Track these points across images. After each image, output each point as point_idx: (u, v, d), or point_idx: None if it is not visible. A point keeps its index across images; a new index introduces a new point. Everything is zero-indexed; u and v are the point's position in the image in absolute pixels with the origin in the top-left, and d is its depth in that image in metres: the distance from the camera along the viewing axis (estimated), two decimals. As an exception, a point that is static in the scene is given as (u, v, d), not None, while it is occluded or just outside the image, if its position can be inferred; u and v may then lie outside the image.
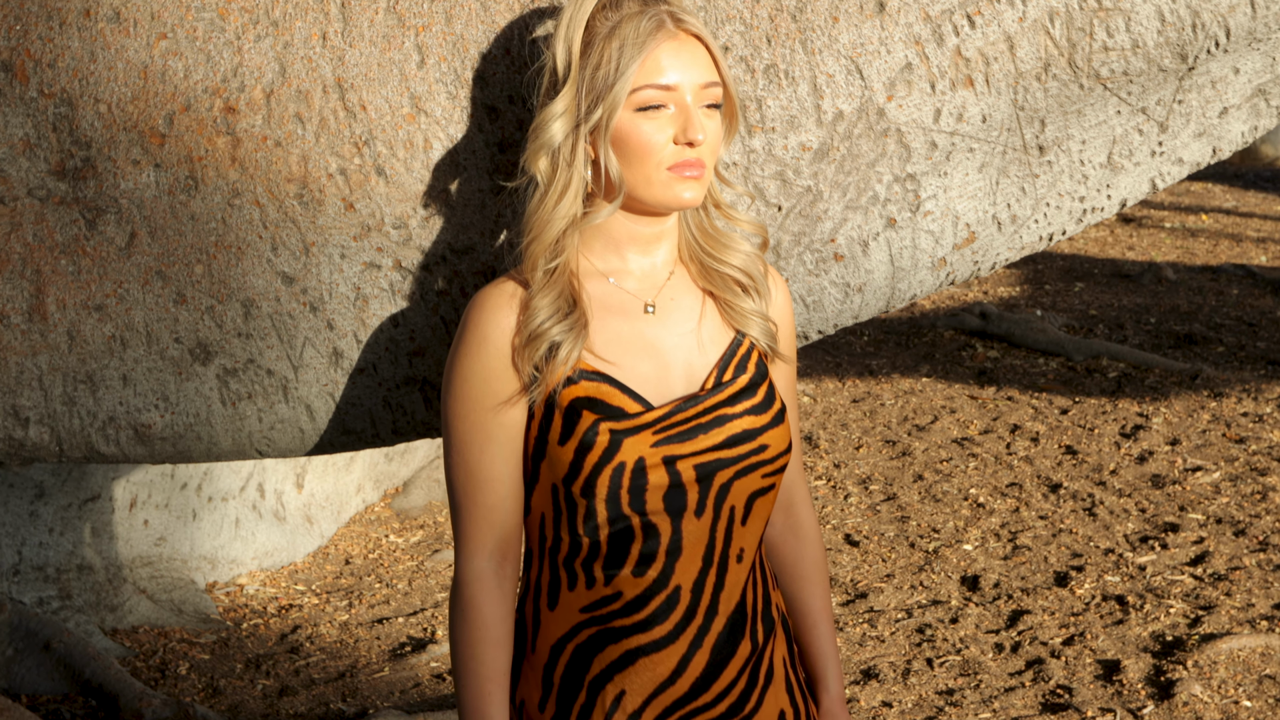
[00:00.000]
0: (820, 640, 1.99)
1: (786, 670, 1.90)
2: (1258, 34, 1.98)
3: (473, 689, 1.78)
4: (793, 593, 1.98)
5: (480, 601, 1.78)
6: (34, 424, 2.01)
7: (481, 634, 1.78)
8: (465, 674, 1.78)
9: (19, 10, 1.94)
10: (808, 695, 1.95)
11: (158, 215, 1.93)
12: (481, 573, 1.78)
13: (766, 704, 1.86)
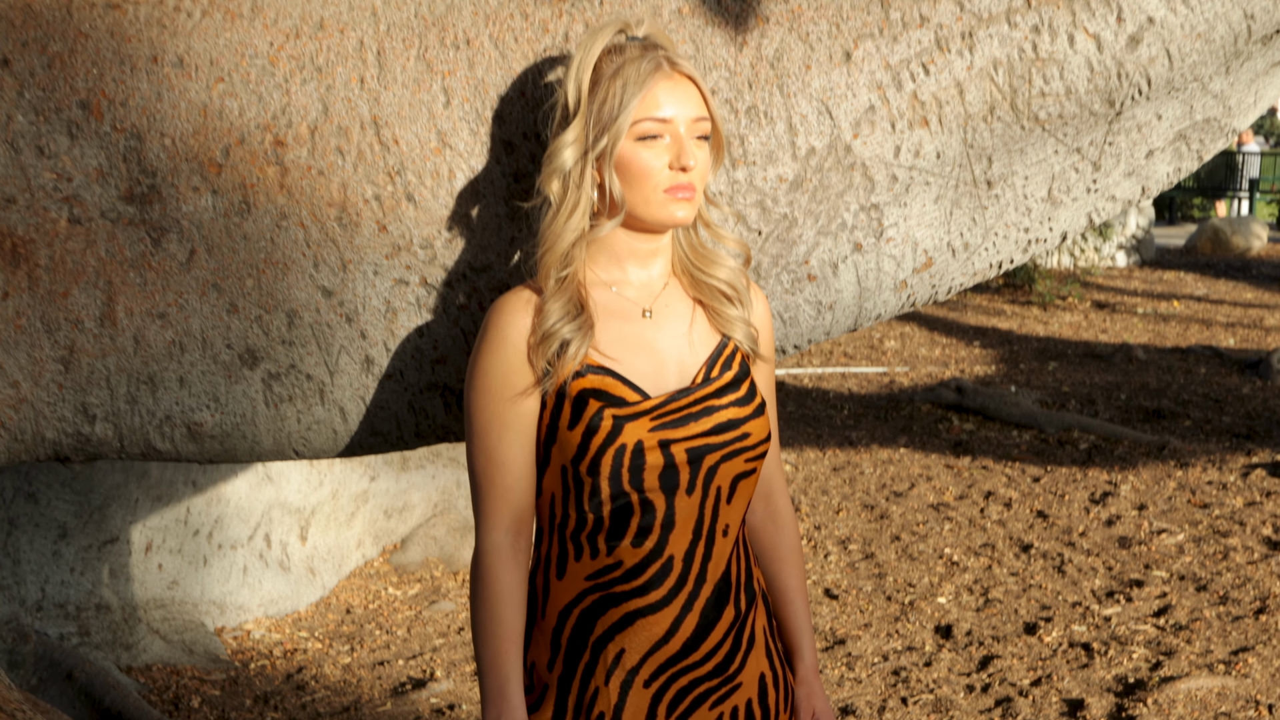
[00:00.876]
0: (796, 616, 2.23)
1: (766, 639, 2.15)
2: (1175, 84, 2.27)
3: (491, 648, 2.02)
4: (772, 573, 2.23)
5: (498, 571, 2.02)
6: (100, 420, 2.26)
7: (499, 599, 2.02)
8: (485, 635, 2.02)
9: (95, 57, 2.22)
10: (785, 664, 2.20)
11: (214, 235, 2.20)
12: (499, 545, 2.02)
13: (749, 666, 2.10)
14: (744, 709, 2.10)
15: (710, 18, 2.20)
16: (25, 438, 2.25)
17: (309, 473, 5.24)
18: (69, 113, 2.20)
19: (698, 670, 2.04)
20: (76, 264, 2.19)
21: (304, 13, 2.25)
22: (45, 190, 2.19)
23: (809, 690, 2.22)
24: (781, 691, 2.15)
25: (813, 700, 2.22)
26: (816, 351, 10.51)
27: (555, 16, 2.21)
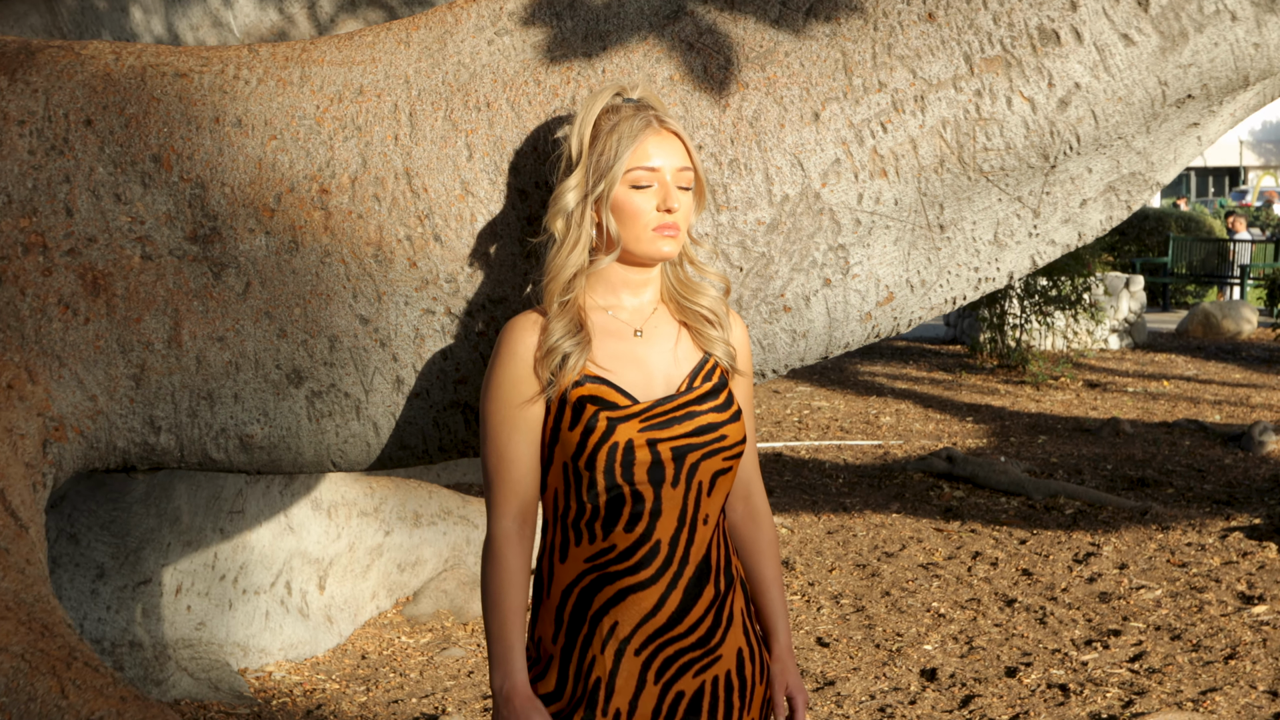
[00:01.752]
0: (773, 602, 2.55)
1: (744, 619, 2.45)
2: (1102, 141, 2.61)
3: (498, 620, 2.33)
4: (751, 564, 2.55)
5: (506, 553, 2.34)
6: (164, 431, 2.59)
7: (506, 577, 2.33)
8: (492, 608, 2.33)
9: (166, 117, 2.57)
10: (762, 644, 2.50)
11: (267, 269, 2.54)
12: (507, 531, 2.34)
13: (728, 641, 2.41)
14: (724, 679, 2.40)
15: (698, 84, 2.55)
16: (100, 446, 2.58)
17: (327, 525, 5.55)
18: (142, 165, 2.55)
19: (682, 642, 2.35)
20: (148, 294, 2.53)
21: (345, 80, 2.61)
22: (122, 231, 2.53)
23: (783, 667, 2.53)
24: (757, 666, 2.46)
25: (786, 675, 2.52)
26: (813, 426, 10.83)
27: (564, 83, 2.57)
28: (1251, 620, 5.93)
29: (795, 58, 2.55)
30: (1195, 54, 2.55)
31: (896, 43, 2.54)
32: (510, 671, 2.29)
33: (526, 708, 2.27)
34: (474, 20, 2.65)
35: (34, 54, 2.63)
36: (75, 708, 2.05)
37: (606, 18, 2.61)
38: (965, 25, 2.53)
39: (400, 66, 2.61)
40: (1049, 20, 2.52)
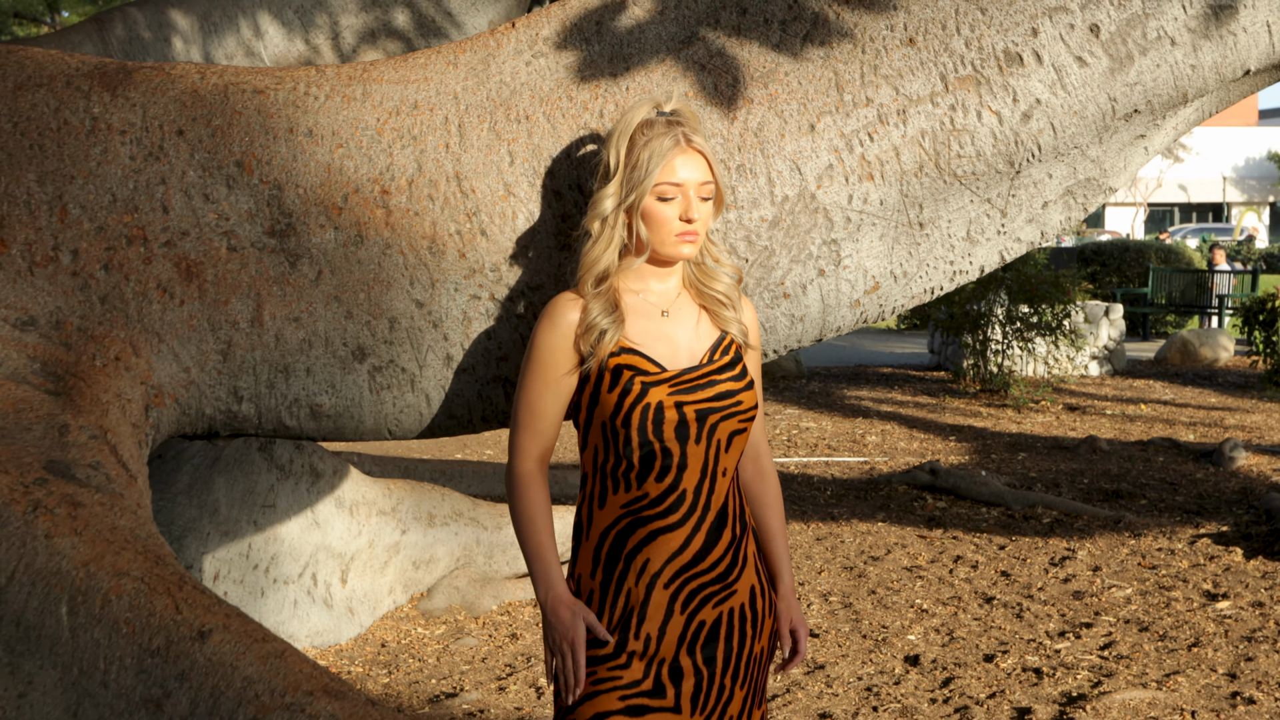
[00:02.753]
0: (778, 549, 2.93)
1: (755, 563, 2.83)
2: (1060, 150, 3.01)
3: (533, 542, 2.70)
4: (759, 516, 2.93)
5: (530, 488, 2.71)
6: (246, 401, 2.97)
7: (533, 508, 2.71)
8: (527, 533, 2.71)
9: (247, 128, 2.96)
10: (770, 584, 2.88)
11: (336, 259, 2.92)
12: (531, 470, 2.72)
13: (743, 579, 2.78)
14: (738, 611, 2.78)
15: (709, 99, 2.95)
16: (191, 412, 2.95)
17: (350, 522, 5.92)
18: (227, 169, 2.94)
19: (704, 577, 2.73)
20: (234, 280, 2.91)
21: (402, 96, 3.00)
22: (210, 226, 2.91)
23: (788, 604, 2.91)
24: (766, 602, 2.84)
25: (790, 612, 2.91)
26: (802, 444, 11.21)
27: (593, 98, 2.96)
28: (1215, 614, 6.31)
29: (794, 77, 2.94)
30: (1140, 74, 2.95)
31: (881, 64, 2.94)
32: (552, 583, 2.67)
33: (572, 609, 2.66)
34: (513, 44, 3.04)
35: (130, 73, 3.02)
36: (188, 621, 2.42)
37: (629, 42, 3.00)
38: (941, 49, 2.93)
39: (449, 84, 3.01)
40: (1013, 44, 2.92)
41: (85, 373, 2.81)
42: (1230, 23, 2.94)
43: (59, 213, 2.88)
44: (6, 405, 2.72)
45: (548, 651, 2.73)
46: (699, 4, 3.02)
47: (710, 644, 2.75)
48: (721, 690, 2.76)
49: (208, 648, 2.41)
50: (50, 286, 2.87)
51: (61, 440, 2.69)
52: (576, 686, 2.69)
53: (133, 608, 2.43)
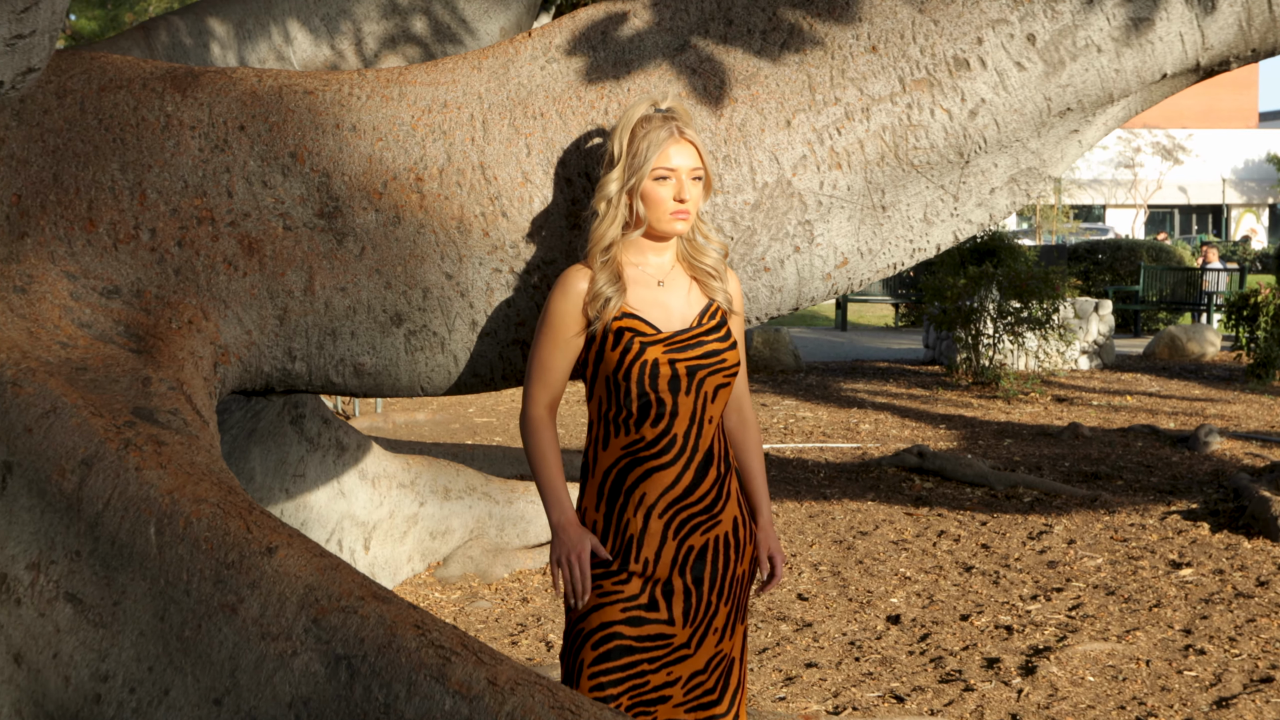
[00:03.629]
0: (758, 487, 3.38)
1: (737, 498, 3.29)
2: (1004, 142, 3.47)
3: (545, 474, 3.16)
4: (742, 458, 3.39)
5: (542, 429, 3.17)
6: (298, 360, 3.43)
7: (544, 446, 3.17)
8: (540, 466, 3.16)
9: (299, 124, 3.42)
10: (750, 517, 3.34)
11: (377, 237, 3.38)
12: (542, 415, 3.18)
13: (726, 511, 3.24)
14: (723, 538, 3.24)
15: (699, 99, 3.41)
16: (251, 370, 3.42)
17: (372, 493, 6.38)
18: (282, 160, 3.40)
19: (693, 508, 3.19)
20: (289, 255, 3.38)
21: (433, 96, 3.46)
22: (268, 209, 3.38)
23: (766, 534, 3.37)
24: (747, 531, 3.30)
25: (768, 540, 3.37)
26: (798, 432, 11.67)
27: (599, 98, 3.42)
28: (1178, 580, 6.78)
29: (772, 79, 3.41)
30: (1071, 77, 3.41)
31: (848, 68, 3.40)
32: (563, 508, 3.14)
33: (579, 529, 3.13)
34: (529, 51, 3.50)
35: (198, 77, 3.48)
36: (257, 539, 2.87)
37: (630, 49, 3.47)
38: (899, 55, 3.39)
39: (474, 86, 3.47)
40: (962, 51, 3.38)
41: (162, 334, 3.28)
42: (1148, 33, 3.40)
43: (139, 197, 3.34)
44: (97, 361, 3.19)
45: (553, 564, 3.19)
46: (691, 16, 3.49)
47: (698, 566, 3.21)
48: (708, 606, 3.22)
49: (274, 561, 2.86)
50: (132, 260, 3.33)
51: (145, 390, 3.15)
52: (583, 594, 3.15)
53: (210, 528, 2.89)
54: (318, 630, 2.79)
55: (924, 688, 5.28)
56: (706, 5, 3.50)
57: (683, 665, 3.19)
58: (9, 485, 3.00)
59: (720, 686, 3.24)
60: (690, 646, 3.19)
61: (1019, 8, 3.38)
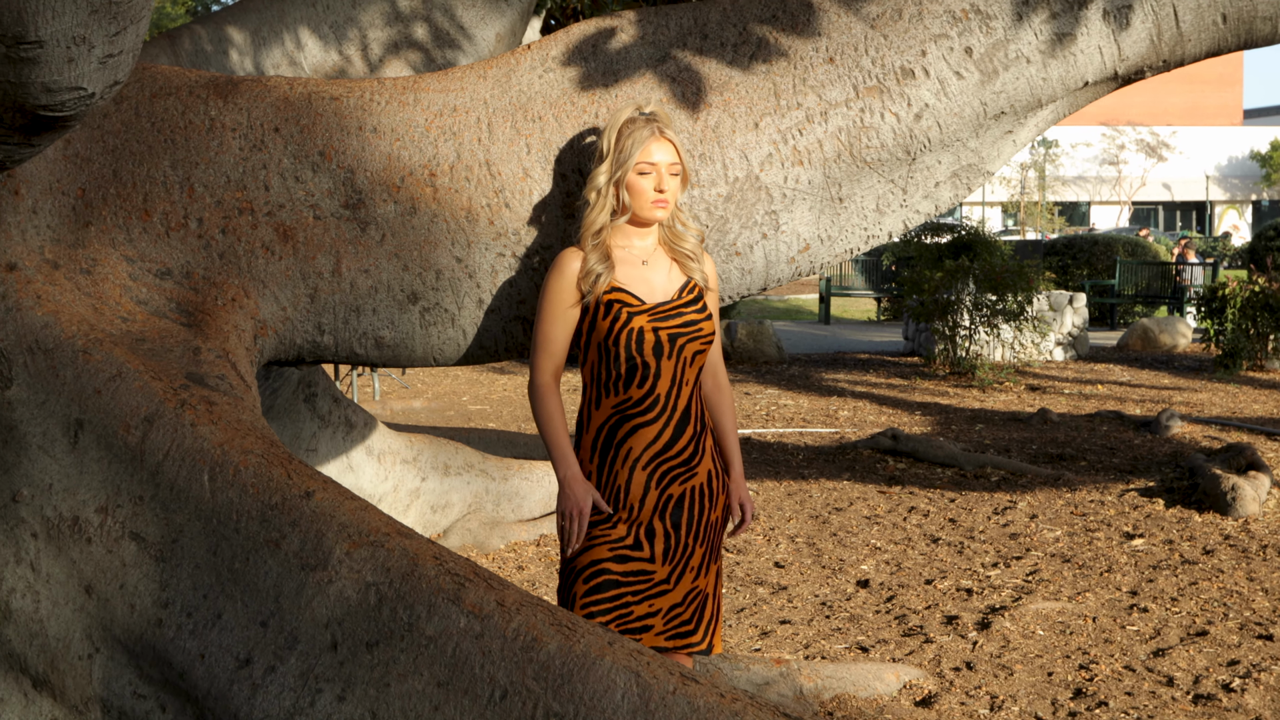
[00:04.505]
0: (730, 444, 3.86)
1: (712, 453, 3.77)
2: (946, 142, 3.95)
3: (553, 434, 3.64)
4: (716, 419, 3.86)
5: (549, 394, 3.65)
6: (326, 333, 3.90)
7: (552, 408, 3.64)
8: (548, 426, 3.63)
9: (326, 126, 3.89)
10: (724, 470, 3.82)
11: (395, 226, 3.85)
12: (548, 381, 3.66)
13: (702, 464, 3.72)
14: (699, 488, 3.72)
15: (679, 104, 3.88)
16: (285, 342, 3.89)
17: (378, 468, 6.85)
18: (312, 158, 3.87)
19: (673, 461, 3.67)
20: (319, 241, 3.85)
21: (444, 102, 3.93)
22: (300, 201, 3.85)
23: (737, 485, 3.85)
24: (720, 483, 3.78)
25: (739, 491, 3.85)
26: (779, 418, 12.16)
27: (590, 103, 3.90)
28: (1129, 550, 7.27)
29: (742, 87, 3.88)
30: (1004, 84, 3.90)
31: (809, 77, 3.88)
32: (569, 464, 3.61)
33: (584, 485, 3.60)
34: (529, 62, 3.98)
35: (237, 85, 3.95)
36: (296, 484, 3.34)
37: (618, 60, 3.94)
38: (853, 66, 3.87)
39: (481, 93, 3.94)
40: (908, 63, 3.86)
41: (209, 310, 3.75)
42: (1071, 46, 3.88)
43: (187, 190, 3.82)
44: (153, 333, 3.66)
45: (560, 515, 3.66)
46: (671, 31, 3.96)
47: (676, 512, 3.69)
48: (685, 547, 3.70)
49: (312, 503, 3.32)
50: (182, 246, 3.80)
51: (196, 358, 3.62)
52: (578, 542, 3.63)
53: (256, 475, 3.35)
54: (350, 561, 3.24)
55: (887, 640, 5.76)
56: (685, 21, 3.98)
57: (662, 599, 3.67)
58: (80, 439, 3.47)
59: (696, 618, 3.72)
60: (669, 582, 3.67)
61: (958, 24, 3.86)
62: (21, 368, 3.49)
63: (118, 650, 3.45)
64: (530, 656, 3.09)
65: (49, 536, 3.46)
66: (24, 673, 3.59)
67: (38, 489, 3.47)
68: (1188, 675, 5.28)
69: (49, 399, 3.47)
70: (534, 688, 3.09)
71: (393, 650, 3.18)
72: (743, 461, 3.96)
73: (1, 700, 3.61)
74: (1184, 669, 5.35)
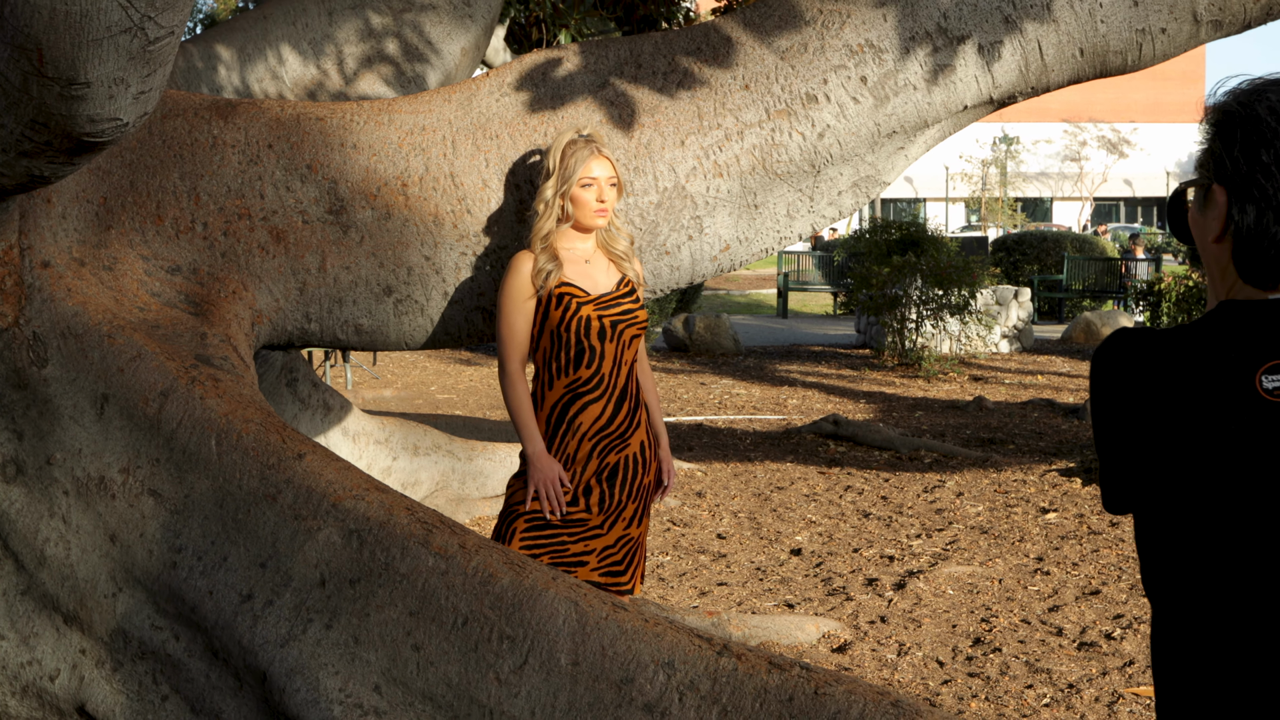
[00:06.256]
0: (656, 421, 4.51)
1: (645, 427, 4.42)
2: (846, 157, 4.60)
3: (522, 416, 4.27)
4: (643, 396, 4.51)
5: (519, 381, 4.29)
6: (313, 321, 4.53)
7: (523, 393, 4.28)
8: (518, 410, 4.27)
9: (313, 143, 4.52)
10: (654, 442, 4.47)
11: (373, 229, 4.48)
12: (515, 370, 4.30)
13: (635, 437, 4.36)
14: (632, 457, 4.36)
15: (616, 125, 4.53)
16: (278, 329, 4.51)
17: (353, 448, 7.47)
18: (301, 170, 4.50)
19: (611, 434, 4.31)
20: (307, 242, 4.48)
21: (414, 122, 4.57)
22: (291, 207, 4.48)
23: (664, 454, 4.51)
24: (650, 452, 4.43)
25: (665, 460, 4.50)
26: (730, 406, 12.83)
27: (540, 124, 4.54)
28: (1043, 523, 7.95)
29: (671, 110, 4.53)
30: (894, 108, 4.55)
31: (728, 101, 4.53)
32: (536, 442, 4.25)
33: (550, 461, 4.24)
34: (488, 87, 4.61)
35: (235, 106, 4.58)
36: (290, 448, 3.97)
37: (564, 86, 4.58)
38: (765, 92, 4.52)
39: (446, 114, 4.57)
40: (812, 89, 4.51)
41: (213, 301, 4.37)
42: (951, 75, 4.54)
43: (194, 198, 4.44)
44: (166, 321, 4.28)
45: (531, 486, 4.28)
46: (609, 61, 4.60)
47: (612, 476, 4.33)
48: (619, 502, 4.34)
49: (303, 463, 3.95)
50: (189, 246, 4.43)
51: (203, 343, 4.25)
52: (559, 506, 4.25)
53: (256, 440, 3.98)
54: (336, 512, 3.86)
55: (812, 599, 6.43)
56: (621, 52, 4.62)
57: (596, 540, 4.31)
58: (106, 411, 4.09)
59: (627, 562, 4.37)
60: (603, 529, 4.32)
61: (854, 56, 4.52)
62: (55, 350, 4.10)
63: (137, 589, 4.05)
64: (487, 589, 3.69)
65: (79, 494, 4.07)
66: (56, 610, 4.20)
67: (69, 453, 4.08)
68: (1076, 627, 5.95)
69: (79, 376, 4.09)
70: (490, 615, 3.69)
71: (371, 586, 3.77)
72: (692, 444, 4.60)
73: (37, 634, 4.22)
74: (1074, 622, 6.02)
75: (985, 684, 5.22)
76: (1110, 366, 1.89)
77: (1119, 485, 1.91)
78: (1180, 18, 4.44)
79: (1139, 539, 1.92)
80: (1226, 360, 1.78)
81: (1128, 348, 1.88)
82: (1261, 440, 1.75)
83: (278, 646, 3.84)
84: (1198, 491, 1.79)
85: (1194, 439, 1.79)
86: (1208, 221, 1.85)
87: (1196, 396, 1.79)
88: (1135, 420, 1.85)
